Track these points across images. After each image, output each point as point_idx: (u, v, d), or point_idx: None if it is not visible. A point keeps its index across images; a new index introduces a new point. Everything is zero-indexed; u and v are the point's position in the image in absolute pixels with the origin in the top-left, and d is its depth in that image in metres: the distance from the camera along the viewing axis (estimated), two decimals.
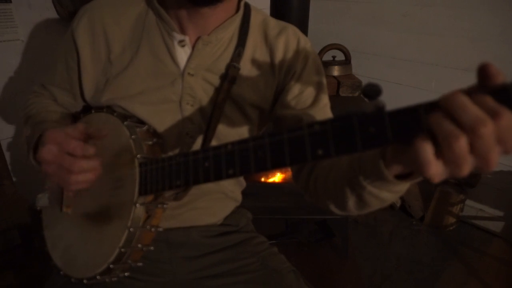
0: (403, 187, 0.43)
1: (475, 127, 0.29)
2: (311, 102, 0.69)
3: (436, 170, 0.32)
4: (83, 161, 0.57)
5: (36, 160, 0.66)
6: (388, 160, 0.40)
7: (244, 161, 0.44)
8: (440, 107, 0.31)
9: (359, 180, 0.45)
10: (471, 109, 0.29)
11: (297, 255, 1.67)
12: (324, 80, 0.72)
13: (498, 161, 0.30)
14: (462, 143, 0.30)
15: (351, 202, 0.50)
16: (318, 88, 0.70)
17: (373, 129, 0.34)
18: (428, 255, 1.70)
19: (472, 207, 1.90)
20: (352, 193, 0.49)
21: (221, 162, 0.46)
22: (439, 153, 0.31)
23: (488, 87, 0.31)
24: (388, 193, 0.44)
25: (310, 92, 0.69)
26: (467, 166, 0.31)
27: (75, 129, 0.58)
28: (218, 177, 0.47)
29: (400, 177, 0.41)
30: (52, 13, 1.41)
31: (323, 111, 0.69)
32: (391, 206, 2.03)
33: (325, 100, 0.70)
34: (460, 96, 0.30)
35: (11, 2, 1.32)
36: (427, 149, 0.31)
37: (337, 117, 0.37)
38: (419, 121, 0.32)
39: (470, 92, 0.31)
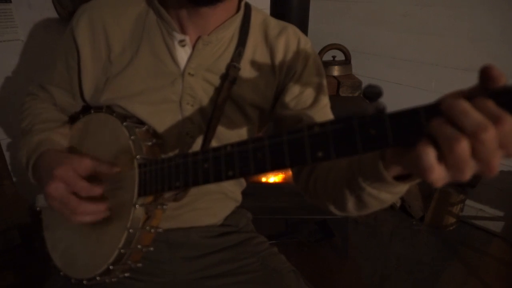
0: (402, 188, 0.43)
1: (476, 132, 0.29)
2: (311, 102, 0.68)
3: (438, 174, 0.31)
4: (87, 205, 0.58)
5: (34, 178, 0.68)
6: (387, 161, 0.39)
7: (243, 162, 0.44)
8: (441, 110, 0.31)
9: (358, 181, 0.45)
10: (472, 115, 0.29)
11: (297, 255, 1.67)
12: (325, 81, 0.72)
13: (497, 171, 0.30)
14: (463, 146, 0.29)
15: (351, 203, 0.50)
16: (318, 88, 0.70)
17: (374, 131, 0.34)
18: (428, 255, 1.70)
19: (472, 207, 1.90)
20: (352, 194, 0.49)
21: (220, 164, 0.46)
22: (441, 157, 0.31)
23: (489, 90, 0.30)
24: (387, 194, 0.44)
25: (310, 92, 0.69)
26: (469, 171, 0.30)
27: (84, 166, 0.60)
28: (218, 178, 0.47)
29: (400, 178, 0.41)
30: (52, 13, 1.41)
31: (323, 111, 0.69)
32: (391, 206, 2.03)
33: (325, 100, 0.70)
34: (461, 102, 0.30)
35: (11, 2, 1.32)
36: (430, 154, 0.31)
37: (337, 119, 0.37)
38: (420, 124, 0.32)
39: (471, 95, 0.30)
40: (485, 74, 0.31)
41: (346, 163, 0.50)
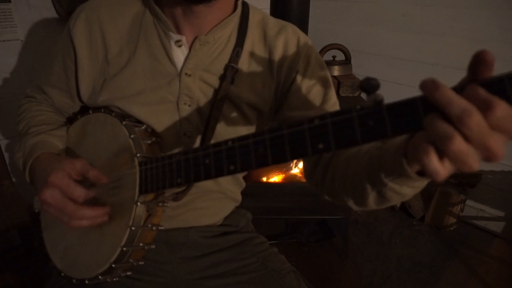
0: (423, 182, 0.43)
1: (462, 119, 0.29)
2: (320, 101, 0.67)
3: (445, 173, 0.32)
4: (85, 210, 0.58)
5: (31, 182, 0.68)
6: (409, 158, 0.39)
7: (245, 157, 0.44)
8: None
9: (380, 177, 0.45)
10: (456, 102, 0.30)
11: (297, 255, 1.67)
12: (329, 76, 0.70)
13: (502, 154, 0.30)
14: (458, 142, 0.30)
15: (371, 198, 0.50)
16: (325, 85, 0.69)
17: (372, 122, 0.35)
18: (428, 255, 1.70)
19: (472, 207, 1.90)
20: (373, 189, 0.48)
21: (222, 159, 0.46)
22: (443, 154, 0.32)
23: (481, 80, 0.30)
24: (408, 188, 0.44)
25: (317, 90, 0.68)
26: (471, 160, 0.30)
27: (76, 169, 0.61)
28: (219, 173, 0.47)
29: (421, 173, 0.41)
30: (51, 13, 1.41)
31: (333, 110, 0.67)
32: (391, 206, 2.03)
33: (333, 98, 0.69)
34: (446, 91, 0.30)
35: (10, 2, 1.32)
36: (433, 159, 0.32)
37: (336, 111, 0.38)
38: (417, 114, 0.32)
39: (462, 86, 0.31)
40: (478, 58, 0.31)
41: (366, 159, 0.49)
